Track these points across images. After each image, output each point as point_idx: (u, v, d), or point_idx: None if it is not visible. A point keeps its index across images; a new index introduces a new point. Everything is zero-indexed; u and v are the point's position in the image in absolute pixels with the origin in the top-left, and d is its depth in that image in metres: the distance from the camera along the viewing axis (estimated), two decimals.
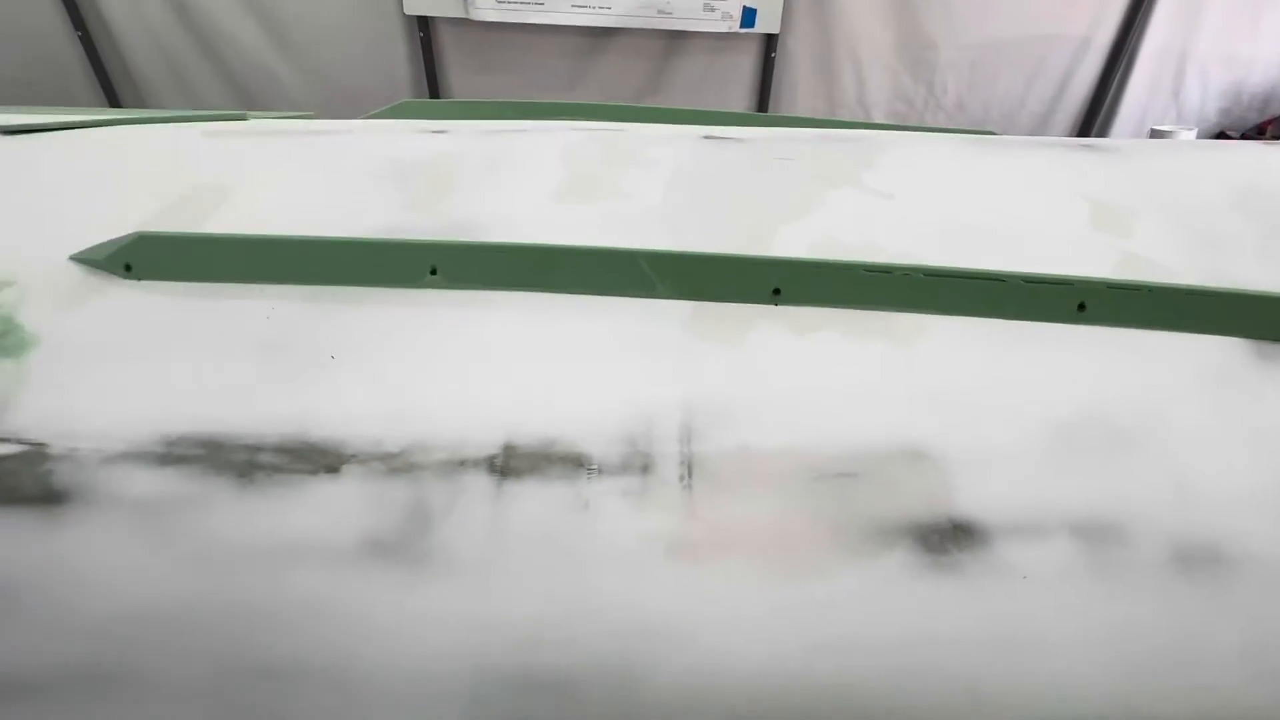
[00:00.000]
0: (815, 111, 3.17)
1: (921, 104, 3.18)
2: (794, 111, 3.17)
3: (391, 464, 0.62)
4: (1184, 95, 3.23)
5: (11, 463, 0.60)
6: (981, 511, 0.67)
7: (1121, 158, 1.10)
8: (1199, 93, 3.23)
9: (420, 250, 0.76)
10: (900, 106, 3.18)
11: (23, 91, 3.05)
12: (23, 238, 0.83)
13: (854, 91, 3.13)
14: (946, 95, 3.15)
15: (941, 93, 3.14)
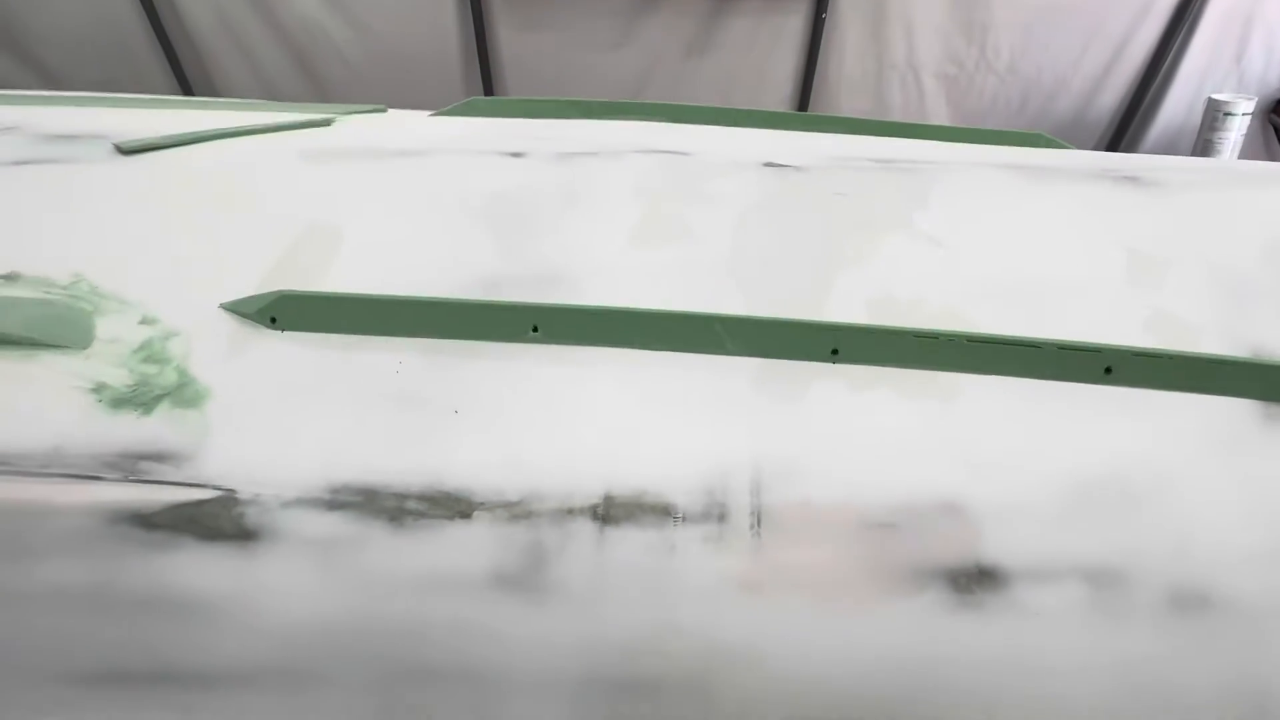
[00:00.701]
0: (864, 73, 3.14)
1: (973, 66, 3.13)
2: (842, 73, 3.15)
3: (513, 511, 0.76)
4: (1247, 60, 3.13)
5: (212, 505, 0.75)
6: (1004, 557, 0.79)
7: (1163, 195, 1.16)
8: (1263, 58, 3.13)
9: (524, 311, 0.88)
10: (950, 69, 3.14)
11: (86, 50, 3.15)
12: (170, 280, 0.96)
13: (904, 53, 3.10)
14: (999, 58, 3.10)
15: (994, 55, 3.09)
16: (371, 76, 3.26)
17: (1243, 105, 2.96)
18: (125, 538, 0.74)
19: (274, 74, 3.33)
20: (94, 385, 0.82)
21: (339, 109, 1.67)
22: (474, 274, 0.97)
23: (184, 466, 0.76)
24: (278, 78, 3.32)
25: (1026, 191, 1.18)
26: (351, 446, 0.78)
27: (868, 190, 1.18)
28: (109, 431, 0.78)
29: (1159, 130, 3.37)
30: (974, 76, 3.17)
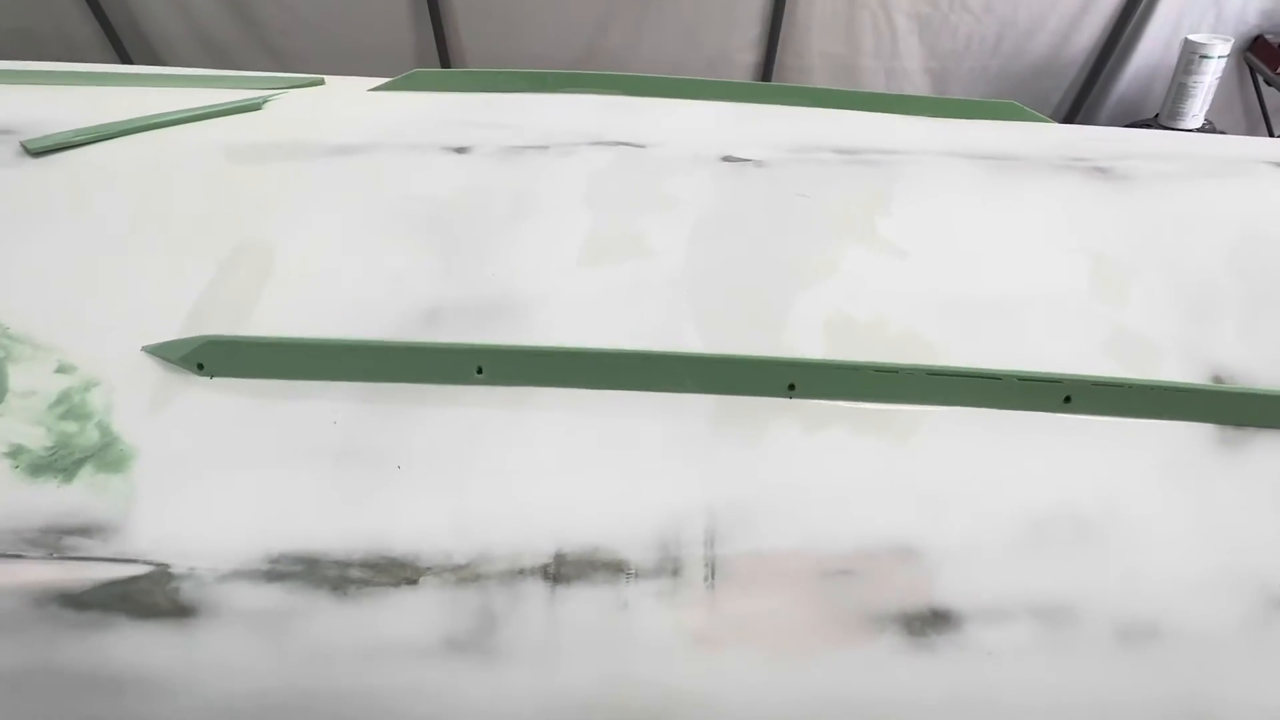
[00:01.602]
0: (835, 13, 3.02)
1: (947, 5, 3.01)
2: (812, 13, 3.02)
3: (461, 574, 0.74)
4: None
5: (144, 582, 0.72)
6: (956, 599, 0.79)
7: (1132, 191, 1.14)
8: None
9: (467, 354, 0.84)
10: (924, 8, 3.02)
11: None
12: (88, 317, 0.90)
13: None
14: None
15: None
16: (311, 20, 3.07)
17: (1219, 47, 2.90)
18: (55, 619, 0.71)
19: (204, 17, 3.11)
20: (9, 448, 0.78)
21: (273, 81, 1.57)
22: (415, 303, 0.92)
23: (111, 540, 0.73)
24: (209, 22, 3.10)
25: (993, 189, 1.15)
26: (289, 511, 0.76)
27: (830, 190, 1.14)
28: (29, 502, 0.75)
29: (1134, 70, 3.31)
30: (948, 16, 3.06)
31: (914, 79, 3.27)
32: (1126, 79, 3.35)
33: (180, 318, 0.90)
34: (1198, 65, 2.94)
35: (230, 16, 3.08)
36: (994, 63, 3.26)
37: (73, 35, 3.13)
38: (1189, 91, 3.01)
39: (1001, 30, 3.13)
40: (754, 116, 1.42)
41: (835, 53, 3.18)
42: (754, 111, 1.45)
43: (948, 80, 3.31)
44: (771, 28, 3.08)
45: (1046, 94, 3.39)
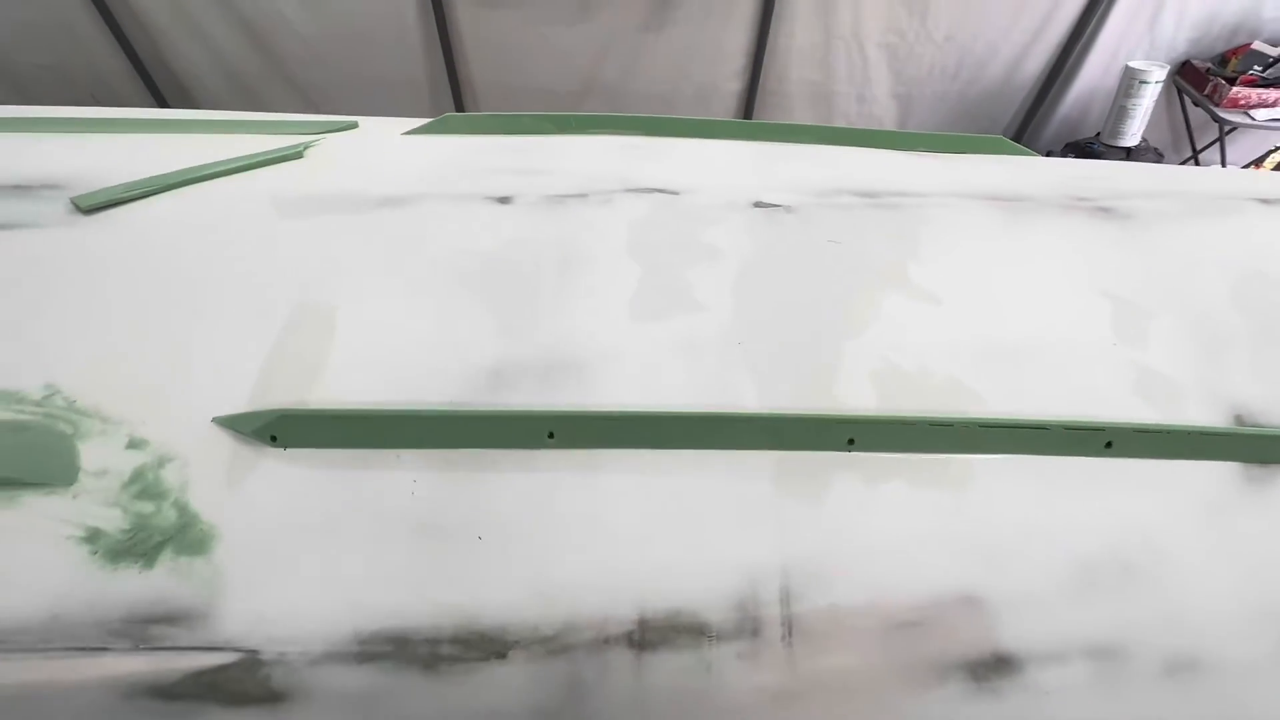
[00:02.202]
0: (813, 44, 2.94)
1: (913, 36, 2.94)
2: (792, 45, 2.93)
3: (549, 646, 0.67)
4: (1159, 27, 3.01)
5: (234, 670, 0.64)
6: (1017, 645, 0.73)
7: (1137, 231, 1.08)
8: (1173, 24, 3.02)
9: (539, 420, 0.76)
10: (892, 38, 2.95)
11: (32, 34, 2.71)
12: (153, 386, 0.80)
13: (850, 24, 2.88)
14: (939, 28, 2.91)
15: (934, 25, 2.90)
16: (329, 54, 2.91)
17: (1157, 74, 2.86)
18: (145, 711, 0.63)
19: (229, 51, 2.94)
20: (86, 533, 0.68)
21: (308, 126, 1.45)
22: (478, 364, 0.84)
23: (198, 628, 0.64)
24: (233, 56, 2.93)
25: (1009, 232, 1.08)
26: (376, 588, 0.67)
27: (859, 235, 1.07)
28: (110, 591, 0.65)
29: (1076, 93, 3.27)
30: (914, 46, 2.98)
31: (882, 103, 3.20)
32: (1069, 101, 3.31)
33: (246, 385, 0.81)
34: (1137, 90, 2.90)
35: (252, 51, 2.92)
36: (953, 88, 3.20)
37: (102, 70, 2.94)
38: (1129, 113, 2.97)
39: (961, 58, 3.06)
40: (771, 157, 1.33)
41: (812, 80, 3.10)
42: (769, 151, 1.37)
43: (912, 104, 3.25)
44: (755, 59, 2.99)
45: (999, 115, 3.34)
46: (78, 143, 1.32)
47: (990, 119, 3.33)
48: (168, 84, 3.07)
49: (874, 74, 3.07)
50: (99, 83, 2.96)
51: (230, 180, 1.21)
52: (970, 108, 3.28)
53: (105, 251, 0.99)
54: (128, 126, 1.39)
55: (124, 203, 1.10)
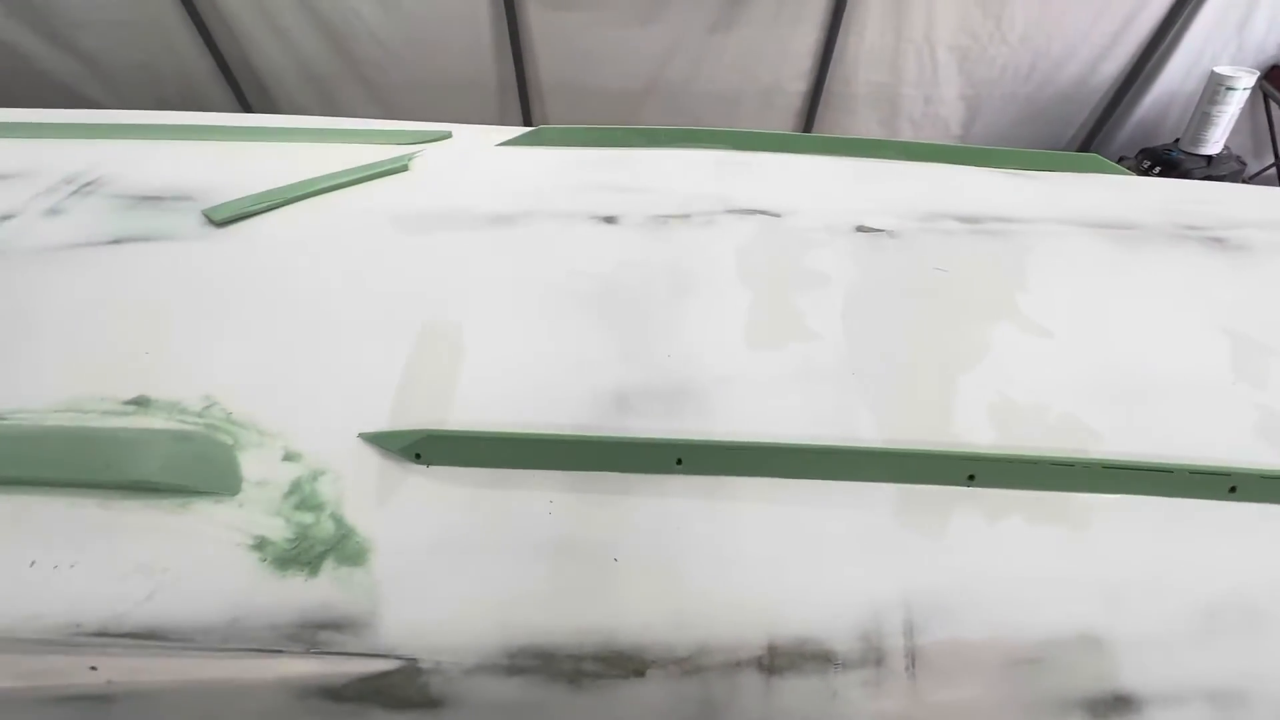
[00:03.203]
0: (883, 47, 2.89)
1: (986, 38, 2.88)
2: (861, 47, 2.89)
3: (684, 667, 0.70)
4: (1249, 29, 2.89)
5: (395, 676, 0.68)
6: (1137, 686, 0.74)
7: (1251, 263, 1.06)
8: (1265, 26, 2.89)
9: (668, 447, 0.79)
10: (965, 40, 2.89)
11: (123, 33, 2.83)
12: (300, 402, 0.85)
13: (923, 27, 2.83)
14: (1014, 30, 2.84)
15: (1009, 27, 2.83)
16: (404, 55, 2.98)
17: (1244, 80, 2.75)
18: (316, 711, 0.68)
19: (309, 53, 3.02)
20: (254, 541, 0.73)
21: (406, 135, 1.50)
22: (603, 388, 0.87)
23: (363, 635, 0.69)
24: (313, 58, 3.02)
25: (1118, 262, 1.07)
26: (522, 604, 0.71)
27: (964, 263, 1.07)
28: (280, 597, 0.70)
29: (1154, 96, 3.16)
30: (986, 47, 2.92)
31: (949, 105, 3.14)
32: (1146, 105, 3.20)
33: (385, 401, 0.85)
34: (1223, 96, 2.79)
35: (331, 54, 3.00)
36: (1024, 90, 3.12)
37: (189, 70, 3.06)
38: (1212, 120, 2.86)
39: (1034, 60, 2.99)
40: (865, 176, 1.34)
41: (879, 81, 3.05)
42: (861, 170, 1.37)
43: (980, 106, 3.18)
44: (822, 60, 2.96)
45: (1071, 118, 3.24)
46: (192, 150, 1.39)
47: (1062, 122, 3.24)
48: (249, 84, 3.18)
49: (943, 76, 3.01)
50: (186, 82, 3.08)
51: (345, 194, 1.26)
52: (1041, 110, 3.19)
53: (241, 265, 1.05)
54: (233, 135, 1.46)
55: (252, 215, 1.17)
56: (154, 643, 0.68)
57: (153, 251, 1.06)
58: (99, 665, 0.67)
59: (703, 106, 3.14)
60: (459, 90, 3.04)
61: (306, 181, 1.24)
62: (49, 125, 1.43)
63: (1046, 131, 3.28)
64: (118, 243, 1.08)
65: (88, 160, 1.29)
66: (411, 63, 2.97)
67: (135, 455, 0.78)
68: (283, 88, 3.16)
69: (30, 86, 3.13)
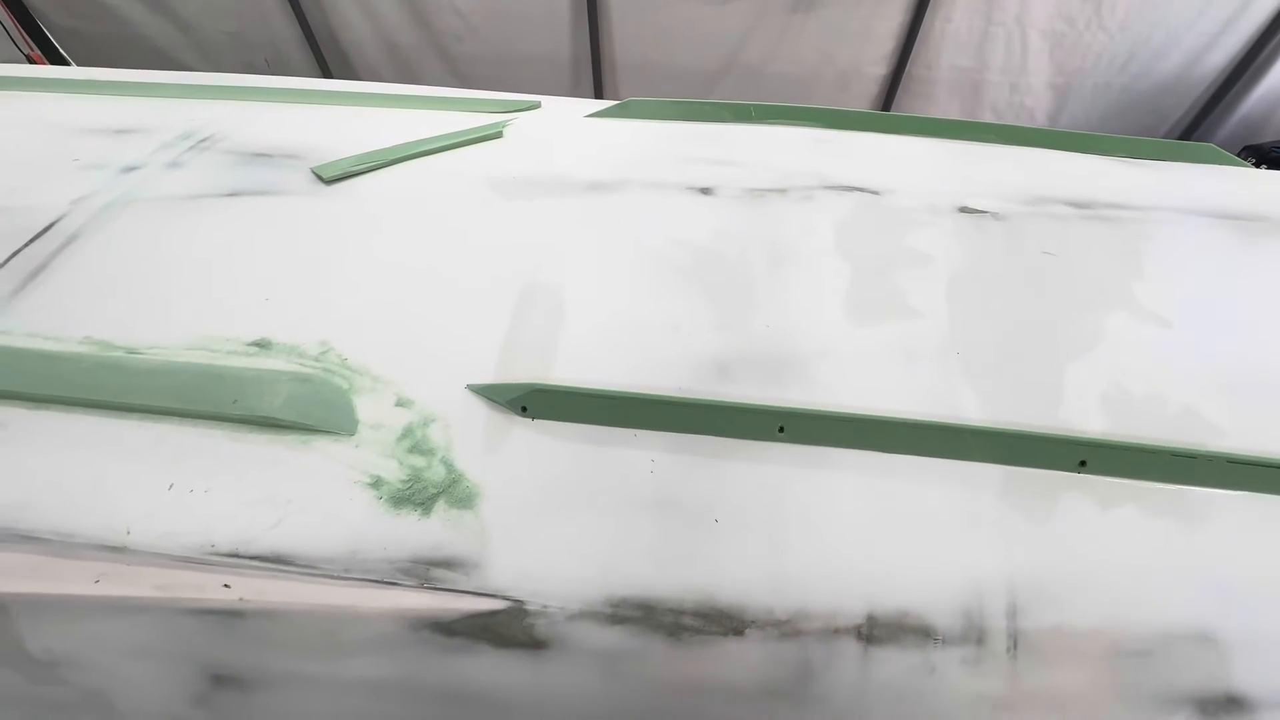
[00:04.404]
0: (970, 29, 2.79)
1: (1084, 24, 2.74)
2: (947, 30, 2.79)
3: (782, 629, 0.71)
4: None
5: (504, 616, 0.71)
6: (1251, 688, 0.72)
7: None
8: None
9: (771, 415, 0.79)
10: (1060, 25, 2.76)
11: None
12: (409, 352, 0.88)
13: (1015, 10, 2.72)
14: (1113, 15, 2.70)
15: (1109, 12, 2.69)
16: (482, 27, 3.01)
17: None
18: (428, 642, 0.71)
19: (391, 24, 3.09)
20: (371, 479, 0.77)
21: (498, 104, 1.52)
22: (704, 353, 0.88)
23: (473, 575, 0.72)
24: (394, 28, 3.08)
25: (1241, 254, 1.02)
26: (624, 556, 0.73)
27: (1075, 249, 1.03)
28: (395, 533, 0.74)
29: (1263, 90, 2.96)
30: (1082, 34, 2.78)
31: (1036, 94, 3.02)
32: (1252, 100, 3.01)
33: (491, 356, 0.88)
34: None
35: (412, 24, 3.06)
36: (1119, 80, 2.97)
37: (277, 38, 3.17)
38: None
39: (1133, 49, 2.84)
40: (965, 157, 1.30)
41: (964, 66, 2.95)
42: (961, 151, 1.33)
43: (1069, 95, 3.04)
44: (905, 43, 2.87)
45: (1168, 111, 3.08)
46: (297, 113, 1.44)
47: (1158, 115, 3.08)
48: (332, 53, 3.27)
49: (1032, 63, 2.89)
50: (273, 49, 3.19)
51: (444, 157, 1.29)
52: (1135, 102, 3.03)
53: (351, 219, 1.09)
54: (332, 99, 1.50)
55: (358, 174, 1.21)
56: (281, 566, 0.72)
57: (268, 204, 1.11)
58: (232, 583, 0.71)
59: (777, 89, 3.09)
60: (534, 64, 3.06)
61: (407, 144, 1.28)
62: (163, 85, 1.50)
63: (1139, 125, 3.12)
64: (234, 195, 1.13)
65: (202, 119, 1.35)
66: (489, 35, 3.01)
67: (260, 392, 0.82)
68: (363, 57, 3.24)
69: (128, 49, 3.29)
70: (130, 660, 0.75)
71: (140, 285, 0.96)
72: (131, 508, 0.74)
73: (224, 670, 0.74)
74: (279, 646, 0.72)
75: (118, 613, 0.73)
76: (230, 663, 0.73)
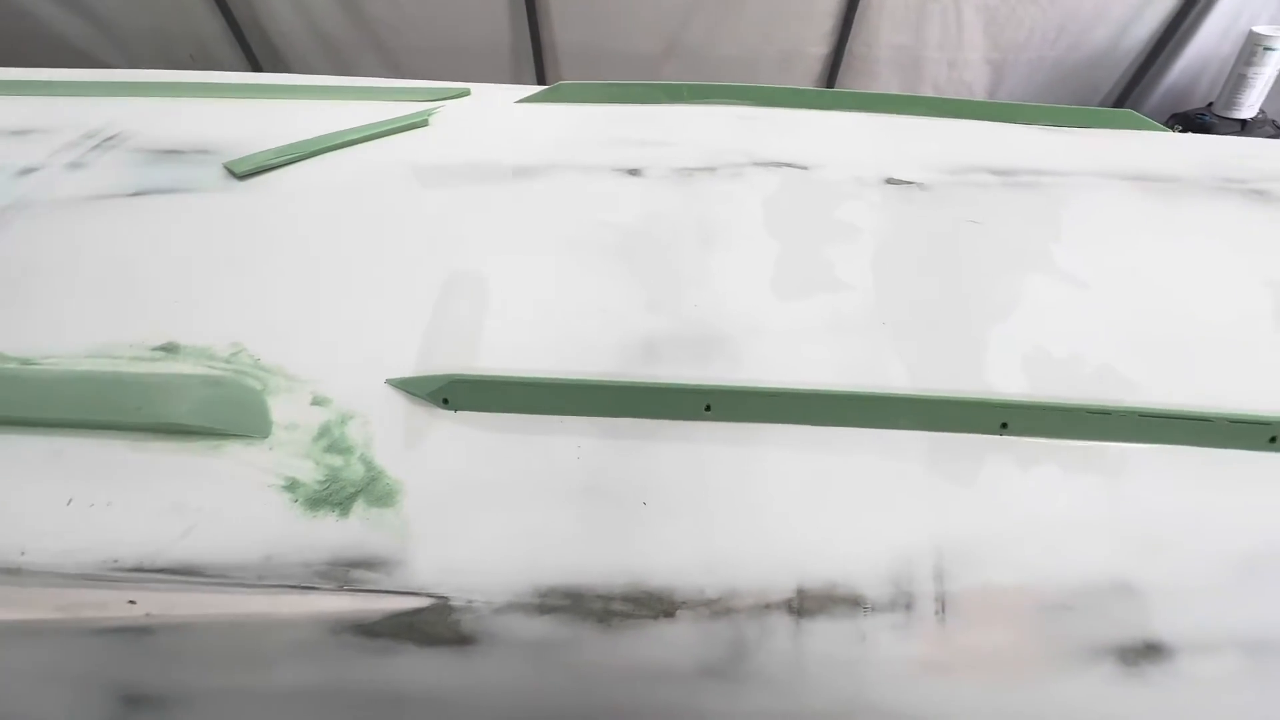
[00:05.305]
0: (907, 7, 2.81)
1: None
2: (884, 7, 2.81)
3: (713, 609, 0.70)
4: None
5: (428, 614, 0.69)
6: (1170, 635, 0.73)
7: None
8: None
9: (698, 394, 0.78)
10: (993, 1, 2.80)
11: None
12: (326, 348, 0.85)
13: None
14: None
15: None
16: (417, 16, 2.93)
17: None
18: (350, 645, 0.69)
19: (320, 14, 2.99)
20: (286, 482, 0.74)
21: (425, 92, 1.48)
22: (632, 335, 0.86)
23: (394, 573, 0.70)
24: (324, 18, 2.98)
25: (1156, 215, 1.05)
26: (552, 545, 0.71)
27: (997, 216, 1.04)
28: (312, 536, 0.71)
29: (1187, 59, 3.06)
30: (1015, 8, 2.84)
31: (974, 69, 3.06)
32: (1179, 68, 3.10)
33: (412, 349, 0.85)
34: (1260, 57, 2.70)
35: (344, 15, 2.96)
36: (1052, 53, 3.03)
37: (201, 33, 3.04)
38: (1248, 82, 2.77)
39: (1064, 22, 2.90)
40: (893, 131, 1.31)
41: (902, 44, 2.98)
42: (890, 125, 1.34)
43: (1006, 70, 3.10)
44: (844, 22, 2.89)
45: (1100, 82, 3.16)
46: (211, 108, 1.38)
47: (1090, 87, 3.16)
48: (262, 47, 3.15)
49: (968, 38, 2.93)
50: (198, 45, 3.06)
51: (366, 147, 1.25)
52: (1069, 74, 3.11)
53: (265, 216, 1.05)
54: (250, 92, 1.45)
55: (273, 168, 1.16)
56: (190, 578, 0.69)
57: (175, 203, 1.06)
58: (137, 599, 0.68)
59: (720, 71, 3.09)
60: (473, 54, 3.00)
61: (326, 136, 1.23)
62: (66, 83, 1.43)
63: (1074, 97, 3.19)
64: (140, 194, 1.07)
65: (107, 117, 1.29)
66: (425, 24, 2.93)
67: (166, 398, 0.79)
68: (294, 50, 3.13)
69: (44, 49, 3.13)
70: (35, 686, 0.71)
71: (35, 293, 0.90)
72: (28, 527, 0.70)
73: (136, 690, 0.70)
74: (193, 661, 0.69)
75: (17, 637, 0.69)
76: (142, 682, 0.70)
